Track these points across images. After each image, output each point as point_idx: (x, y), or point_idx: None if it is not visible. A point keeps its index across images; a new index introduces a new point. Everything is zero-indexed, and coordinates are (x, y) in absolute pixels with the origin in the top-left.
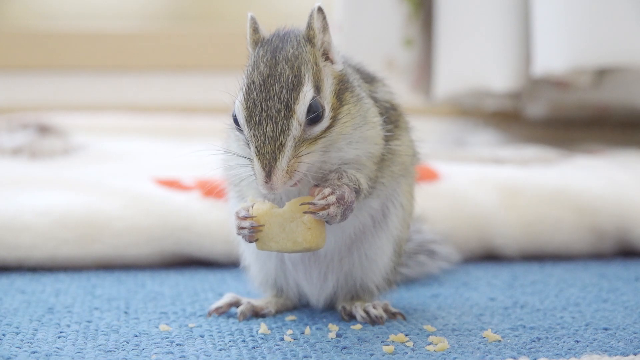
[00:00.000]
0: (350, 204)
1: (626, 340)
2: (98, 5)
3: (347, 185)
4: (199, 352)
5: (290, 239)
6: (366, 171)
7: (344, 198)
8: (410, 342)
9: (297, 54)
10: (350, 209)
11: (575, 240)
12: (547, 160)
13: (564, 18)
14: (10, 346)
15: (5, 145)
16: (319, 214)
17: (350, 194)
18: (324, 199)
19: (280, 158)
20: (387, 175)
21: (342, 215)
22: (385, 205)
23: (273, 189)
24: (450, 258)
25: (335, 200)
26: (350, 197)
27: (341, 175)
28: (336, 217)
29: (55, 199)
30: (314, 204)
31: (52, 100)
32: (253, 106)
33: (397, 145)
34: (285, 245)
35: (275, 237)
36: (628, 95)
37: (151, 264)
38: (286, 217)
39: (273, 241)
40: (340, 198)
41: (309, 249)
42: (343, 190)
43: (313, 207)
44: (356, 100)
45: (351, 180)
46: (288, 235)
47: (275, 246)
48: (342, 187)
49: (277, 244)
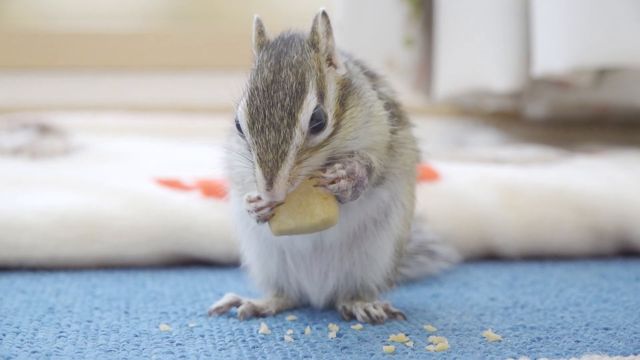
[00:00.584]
0: (361, 179)
1: (626, 340)
2: (98, 5)
3: (358, 162)
4: (199, 351)
5: (308, 212)
6: (377, 153)
7: (354, 172)
8: (411, 342)
9: (301, 60)
10: (362, 186)
11: (576, 240)
12: (547, 160)
13: (564, 18)
14: (11, 346)
15: (5, 145)
16: (329, 187)
17: (361, 169)
18: (333, 172)
19: (282, 166)
20: (399, 167)
21: (354, 192)
22: (388, 200)
23: (274, 197)
24: (451, 258)
25: (346, 174)
26: (361, 172)
27: (352, 153)
28: (347, 191)
29: (56, 199)
30: (324, 177)
31: (53, 100)
32: (256, 113)
33: (404, 136)
34: (303, 220)
35: (293, 213)
36: (628, 95)
37: (151, 264)
38: (302, 192)
39: (290, 218)
40: (350, 172)
41: (326, 220)
42: (353, 165)
43: (323, 180)
44: (358, 100)
45: (362, 157)
46: (305, 209)
47: (293, 223)
48: (352, 162)
49: (295, 220)
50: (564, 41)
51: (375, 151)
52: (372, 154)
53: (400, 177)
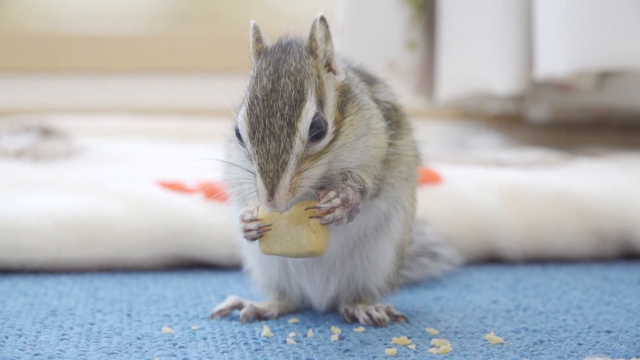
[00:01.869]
0: (355, 205)
1: (628, 343)
2: (101, 8)
3: (352, 187)
4: (202, 354)
5: (295, 242)
6: (371, 170)
7: (349, 200)
8: (413, 344)
9: (299, 67)
10: (357, 210)
11: (578, 243)
12: (550, 163)
13: (567, 21)
14: (13, 348)
15: (7, 148)
16: (325, 217)
17: (355, 195)
18: (328, 202)
19: (283, 176)
20: (395, 176)
21: (349, 217)
22: (387, 208)
23: (276, 207)
24: (453, 261)
25: (340, 203)
26: (355, 199)
27: (345, 176)
28: (342, 219)
29: (58, 202)
30: (319, 207)
31: (55, 102)
32: (256, 122)
33: (401, 145)
34: (290, 248)
35: (280, 240)
36: (630, 98)
37: (154, 267)
38: (292, 220)
39: (277, 244)
40: (344, 200)
41: (312, 252)
42: (347, 192)
43: (318, 211)
44: (358, 110)
45: (356, 180)
46: (293, 238)
47: (280, 249)
48: (346, 189)
49: (282, 246)
50: (566, 44)
51: (370, 168)
52: (366, 173)
53: (397, 185)
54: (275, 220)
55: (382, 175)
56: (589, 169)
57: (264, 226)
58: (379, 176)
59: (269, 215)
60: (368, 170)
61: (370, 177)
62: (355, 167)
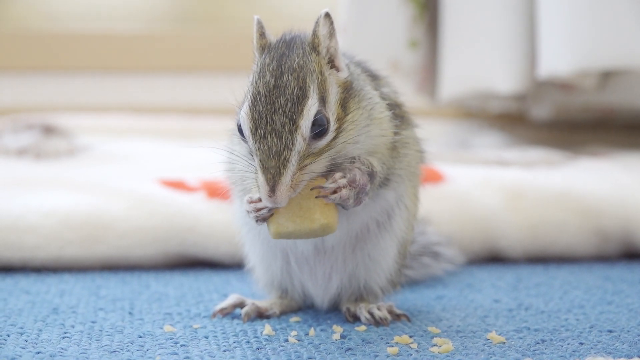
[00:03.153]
0: (363, 186)
1: (630, 343)
2: (103, 7)
3: (359, 169)
4: (203, 353)
5: (308, 216)
6: (379, 156)
7: (356, 180)
8: (415, 343)
9: (302, 63)
10: (365, 192)
11: (580, 243)
12: (552, 163)
13: (569, 20)
14: (15, 346)
15: (10, 146)
16: (331, 197)
17: (362, 176)
18: (334, 182)
19: (284, 173)
20: (404, 167)
21: (356, 199)
22: (389, 206)
23: (277, 204)
24: (455, 260)
25: (347, 183)
26: (363, 180)
27: (354, 159)
28: (349, 199)
29: (60, 200)
30: (324, 187)
31: (57, 101)
32: (259, 118)
33: (407, 136)
34: (302, 224)
35: (293, 217)
36: (633, 98)
37: (156, 265)
38: (303, 195)
39: (290, 221)
40: (351, 181)
41: (326, 226)
42: (354, 173)
43: (324, 190)
44: (359, 103)
45: (364, 163)
46: (305, 213)
47: (293, 226)
48: (353, 170)
49: (294, 223)
50: (569, 43)
51: (377, 154)
52: (374, 158)
53: (405, 178)
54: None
55: (390, 163)
56: (591, 169)
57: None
58: (388, 164)
59: None
60: (376, 156)
61: (379, 162)
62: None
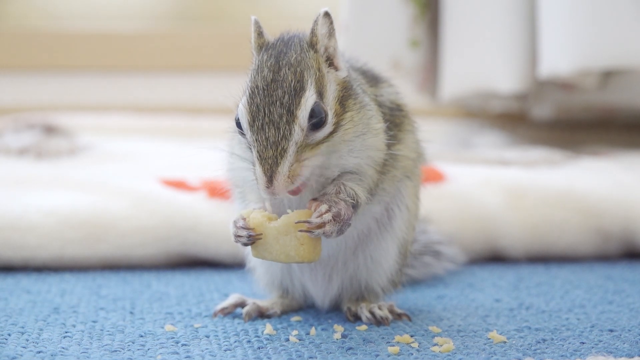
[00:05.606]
0: (346, 220)
1: (631, 342)
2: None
3: (345, 201)
4: (205, 352)
5: (284, 252)
6: (367, 181)
7: (340, 215)
8: (416, 343)
9: (300, 59)
10: (347, 225)
11: (581, 242)
12: (553, 162)
13: (570, 20)
14: (16, 346)
15: (11, 145)
16: (315, 232)
17: (347, 210)
18: (319, 216)
19: (282, 163)
20: (388, 180)
21: (339, 232)
22: (390, 207)
23: (274, 194)
24: (456, 259)
25: (332, 219)
26: (347, 214)
27: (339, 189)
28: (332, 234)
29: (61, 199)
30: (310, 222)
31: (59, 100)
32: (256, 111)
33: (399, 150)
34: (279, 257)
35: (270, 248)
36: (634, 97)
37: (157, 265)
38: (280, 231)
39: (267, 251)
40: (336, 215)
41: (301, 262)
42: (339, 207)
43: (309, 225)
44: (359, 108)
45: (349, 195)
46: (281, 248)
47: (269, 256)
48: (339, 204)
49: (271, 254)
50: (570, 43)
51: (367, 177)
52: (361, 186)
53: (390, 189)
54: (264, 229)
55: (376, 182)
56: (593, 168)
57: (254, 235)
58: (373, 185)
59: (259, 224)
60: (364, 182)
61: (365, 190)
62: (352, 171)
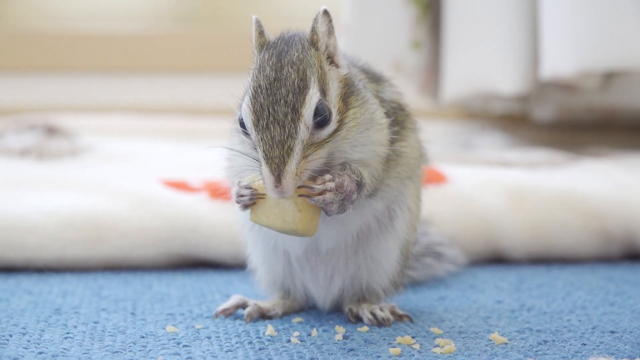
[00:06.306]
0: (349, 194)
1: (633, 344)
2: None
3: (349, 176)
4: (206, 353)
5: (281, 217)
6: (371, 170)
7: (343, 186)
8: (417, 344)
9: (302, 57)
10: (350, 201)
11: (582, 244)
12: (555, 163)
13: (572, 21)
14: (17, 347)
15: (12, 146)
16: (314, 198)
17: (351, 183)
18: (322, 184)
19: (289, 161)
20: (393, 177)
21: (340, 206)
22: (391, 208)
23: (283, 193)
24: (457, 260)
25: (334, 187)
26: (350, 187)
27: (344, 167)
28: (332, 204)
29: (63, 200)
30: (312, 188)
31: (60, 101)
32: (260, 110)
33: (403, 147)
34: (275, 222)
35: (268, 212)
36: (635, 99)
37: (158, 266)
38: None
39: (265, 215)
40: (339, 186)
41: (296, 231)
42: (343, 178)
43: (310, 190)
44: (362, 104)
45: (354, 172)
46: (280, 212)
47: (266, 221)
48: (342, 176)
49: (268, 219)
50: (572, 44)
51: (370, 167)
52: (366, 169)
53: (394, 185)
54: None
55: (381, 176)
56: (594, 170)
57: (257, 194)
58: (378, 177)
59: (262, 187)
60: (368, 169)
61: (369, 175)
62: (356, 162)
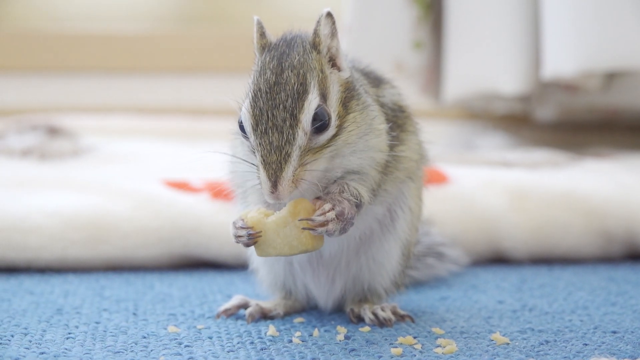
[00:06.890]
0: (350, 219)
1: (634, 344)
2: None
3: (348, 201)
4: (207, 353)
5: (286, 243)
6: (369, 181)
7: (344, 214)
8: (419, 344)
9: (302, 61)
10: (351, 224)
11: (584, 244)
12: (556, 164)
13: (574, 22)
14: (19, 347)
15: (14, 147)
16: (318, 230)
17: (351, 209)
18: (323, 215)
19: (285, 168)
20: (390, 181)
21: (342, 230)
22: (392, 209)
23: (279, 199)
24: (459, 261)
25: (335, 217)
26: (351, 213)
27: (343, 188)
28: (335, 232)
29: (64, 200)
30: (312, 220)
31: (62, 101)
32: (259, 114)
33: (401, 151)
34: (283, 250)
35: (272, 244)
36: (637, 99)
37: (160, 266)
38: (279, 223)
39: (271, 247)
40: (340, 214)
41: (306, 250)
42: (343, 206)
43: (312, 223)
44: (362, 109)
45: (352, 194)
46: (283, 240)
47: (274, 252)
48: (342, 203)
49: (275, 249)
50: (573, 44)
51: (369, 177)
52: (364, 186)
53: (392, 190)
54: (263, 225)
55: (379, 183)
56: (596, 170)
57: (254, 234)
58: (376, 186)
59: (257, 222)
60: (367, 182)
61: (368, 190)
62: (355, 171)
